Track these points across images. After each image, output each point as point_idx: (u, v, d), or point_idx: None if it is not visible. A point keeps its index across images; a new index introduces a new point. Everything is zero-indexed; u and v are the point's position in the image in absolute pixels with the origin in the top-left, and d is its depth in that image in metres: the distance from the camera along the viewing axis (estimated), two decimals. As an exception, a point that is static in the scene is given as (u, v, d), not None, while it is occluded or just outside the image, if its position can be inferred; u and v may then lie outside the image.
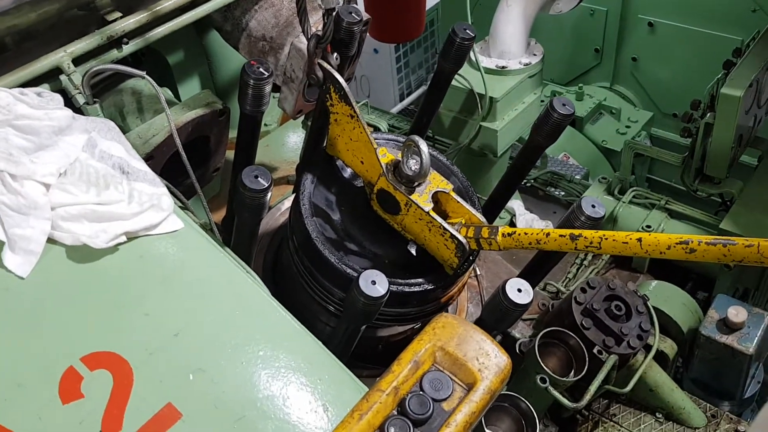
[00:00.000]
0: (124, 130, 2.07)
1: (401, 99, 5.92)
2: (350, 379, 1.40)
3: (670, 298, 2.76)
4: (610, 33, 4.70)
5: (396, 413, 1.30)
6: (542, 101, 3.70)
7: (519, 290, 1.86)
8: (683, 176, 3.32)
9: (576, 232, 1.58)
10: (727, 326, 2.55)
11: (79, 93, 1.92)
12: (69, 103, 1.75)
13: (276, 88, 2.24)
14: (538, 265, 2.30)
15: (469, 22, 2.55)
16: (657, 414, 2.51)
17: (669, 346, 2.60)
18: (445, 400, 1.32)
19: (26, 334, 1.30)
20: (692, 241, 1.38)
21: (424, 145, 1.72)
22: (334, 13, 1.87)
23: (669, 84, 4.63)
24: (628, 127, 4.68)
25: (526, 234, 1.67)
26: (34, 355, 1.27)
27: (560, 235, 1.60)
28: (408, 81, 5.91)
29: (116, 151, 1.53)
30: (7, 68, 1.84)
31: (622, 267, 3.40)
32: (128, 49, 2.07)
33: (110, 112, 2.26)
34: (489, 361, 1.37)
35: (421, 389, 1.33)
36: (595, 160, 4.55)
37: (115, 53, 2.05)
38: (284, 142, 3.13)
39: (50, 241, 1.41)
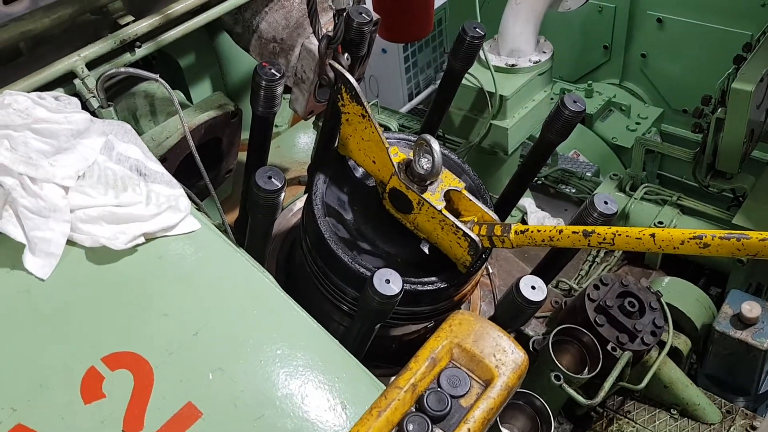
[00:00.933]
0: (138, 133, 2.08)
1: (410, 99, 5.89)
2: (367, 376, 1.41)
3: (683, 294, 2.75)
4: (618, 30, 4.69)
5: (414, 410, 1.31)
6: (552, 99, 3.69)
7: (533, 287, 1.85)
8: (695, 172, 3.32)
9: (589, 228, 1.57)
10: (741, 322, 2.54)
11: (93, 97, 1.93)
12: (83, 107, 1.76)
13: (287, 90, 2.25)
14: (551, 262, 2.29)
15: (478, 21, 2.55)
16: (672, 410, 2.51)
17: (683, 342, 2.59)
18: (462, 396, 1.33)
19: (47, 335, 1.32)
20: (706, 236, 1.37)
21: (435, 144, 1.72)
22: (344, 14, 1.87)
23: (679, 80, 4.61)
24: (638, 123, 4.66)
25: (539, 231, 1.67)
26: (56, 355, 1.29)
27: (573, 232, 1.59)
28: (416, 81, 5.88)
29: (133, 153, 1.55)
30: (22, 73, 1.85)
31: (635, 263, 3.40)
32: (141, 52, 2.09)
33: (123, 116, 2.27)
34: (506, 357, 1.37)
35: (439, 386, 1.34)
36: (606, 157, 4.54)
37: (128, 57, 2.06)
38: (295, 143, 3.14)
39: (70, 243, 1.43)
